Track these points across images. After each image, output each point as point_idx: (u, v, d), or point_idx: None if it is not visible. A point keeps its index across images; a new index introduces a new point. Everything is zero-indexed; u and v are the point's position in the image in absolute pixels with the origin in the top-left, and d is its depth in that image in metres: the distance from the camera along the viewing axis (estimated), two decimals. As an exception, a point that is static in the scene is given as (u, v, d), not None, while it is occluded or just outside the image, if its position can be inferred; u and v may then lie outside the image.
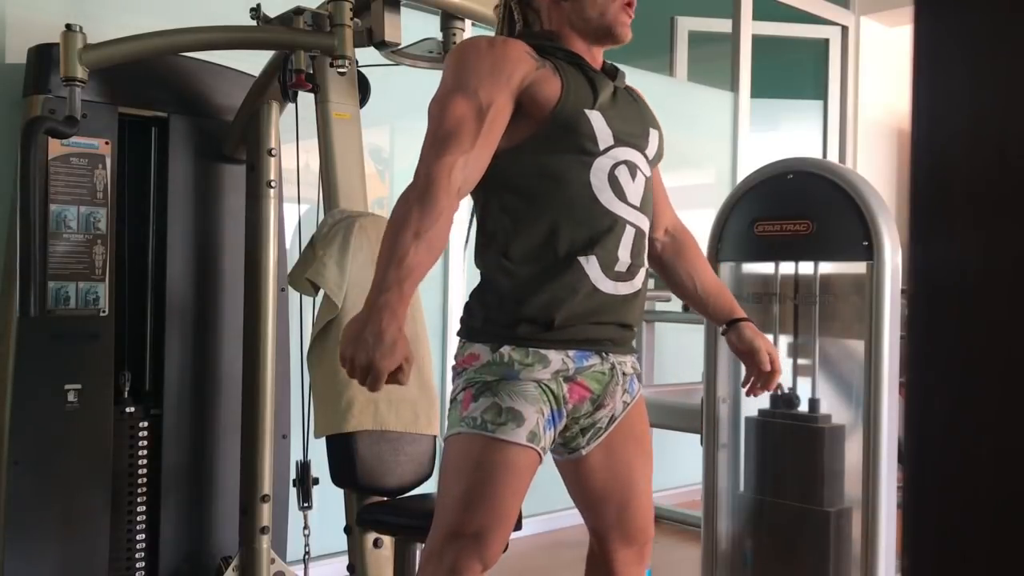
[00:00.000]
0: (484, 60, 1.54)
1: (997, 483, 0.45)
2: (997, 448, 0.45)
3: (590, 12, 1.67)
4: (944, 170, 0.47)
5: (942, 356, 0.47)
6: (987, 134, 0.46)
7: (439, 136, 1.50)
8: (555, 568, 3.67)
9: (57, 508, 2.43)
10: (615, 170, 1.60)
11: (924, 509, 0.48)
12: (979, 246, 0.46)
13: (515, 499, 1.57)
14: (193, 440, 2.71)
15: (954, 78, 0.47)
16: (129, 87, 2.57)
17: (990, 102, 0.46)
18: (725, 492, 2.47)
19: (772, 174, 2.40)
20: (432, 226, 1.43)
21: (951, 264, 0.47)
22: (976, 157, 0.46)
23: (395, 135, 3.75)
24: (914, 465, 0.48)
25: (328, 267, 2.16)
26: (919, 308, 0.48)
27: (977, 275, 0.46)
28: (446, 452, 1.60)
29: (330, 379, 2.15)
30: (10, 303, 2.33)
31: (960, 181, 0.46)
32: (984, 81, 0.46)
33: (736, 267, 2.49)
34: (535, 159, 1.57)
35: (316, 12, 2.26)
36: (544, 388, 1.56)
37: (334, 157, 2.33)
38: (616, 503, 1.73)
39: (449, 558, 1.55)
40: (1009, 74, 0.45)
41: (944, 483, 0.47)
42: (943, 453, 0.47)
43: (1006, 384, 0.45)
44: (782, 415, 2.36)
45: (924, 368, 0.48)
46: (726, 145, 5.06)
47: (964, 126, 0.46)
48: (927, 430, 0.48)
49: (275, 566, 2.65)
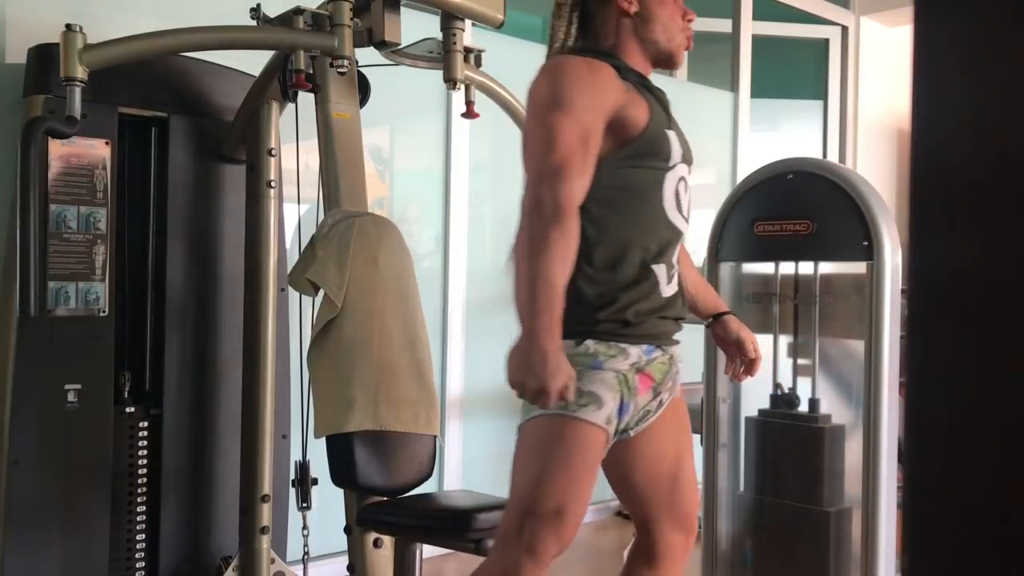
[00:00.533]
0: (585, 84, 1.62)
1: (997, 483, 0.45)
2: (997, 448, 0.45)
3: (658, 35, 1.76)
4: (944, 170, 0.47)
5: (942, 356, 0.47)
6: (986, 134, 0.46)
7: (556, 162, 1.57)
8: (555, 568, 3.66)
9: (57, 508, 2.43)
10: (678, 185, 1.76)
11: (924, 509, 0.48)
12: (979, 246, 0.46)
13: (591, 477, 1.65)
14: (193, 440, 2.71)
15: (953, 78, 0.47)
16: (129, 87, 2.57)
17: (989, 102, 0.46)
18: (725, 492, 2.47)
19: (772, 174, 2.40)
20: (570, 249, 1.55)
21: (951, 264, 0.47)
22: (976, 157, 0.46)
23: (395, 135, 3.75)
24: (914, 465, 0.48)
25: (328, 267, 2.16)
26: (919, 308, 0.48)
27: (977, 275, 0.46)
28: (523, 435, 1.67)
29: (330, 379, 2.15)
30: (10, 303, 2.33)
31: (960, 181, 0.46)
32: (983, 81, 0.46)
33: (736, 267, 2.49)
34: (617, 173, 1.67)
35: (316, 12, 2.26)
36: (621, 378, 1.66)
37: (334, 157, 2.33)
38: (666, 483, 1.81)
39: (527, 537, 1.61)
40: (1008, 74, 0.45)
41: (944, 483, 0.47)
42: (943, 453, 0.47)
43: (1006, 384, 0.45)
44: (782, 415, 2.36)
45: (924, 368, 0.48)
46: (726, 145, 5.06)
47: (964, 126, 0.46)
48: (927, 430, 0.48)
49: (275, 566, 2.65)
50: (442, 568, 3.49)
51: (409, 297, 2.29)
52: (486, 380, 3.96)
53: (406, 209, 3.75)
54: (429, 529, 2.14)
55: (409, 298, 2.29)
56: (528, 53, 4.23)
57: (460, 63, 2.41)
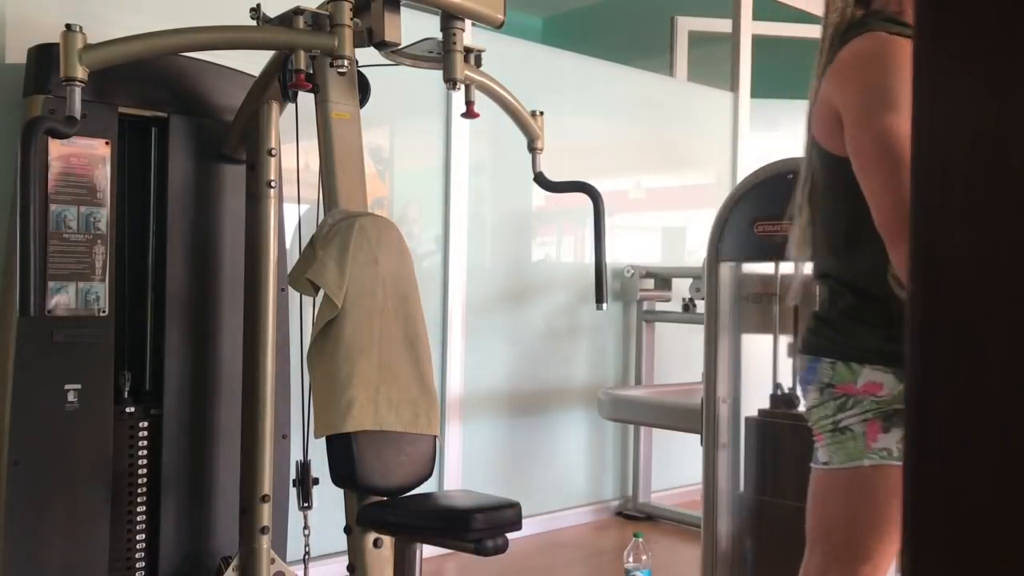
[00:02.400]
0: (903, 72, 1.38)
1: (997, 483, 0.45)
2: (997, 448, 0.45)
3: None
4: (944, 171, 0.47)
5: (942, 356, 0.47)
6: (987, 135, 0.46)
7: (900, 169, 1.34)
8: (555, 568, 3.67)
9: (57, 508, 2.43)
10: None
11: (924, 509, 0.48)
12: (979, 246, 0.46)
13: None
14: (193, 440, 2.71)
15: (954, 79, 0.47)
16: (129, 87, 2.57)
17: (990, 104, 0.46)
18: (725, 492, 2.47)
19: (772, 174, 2.40)
20: None
21: (951, 264, 0.47)
22: (976, 159, 0.46)
23: (395, 135, 3.75)
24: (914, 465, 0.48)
25: (328, 267, 2.16)
26: (919, 308, 0.48)
27: (977, 275, 0.46)
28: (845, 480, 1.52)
29: (330, 379, 2.15)
30: (10, 303, 2.33)
31: (960, 182, 0.46)
32: (984, 83, 0.46)
33: (736, 267, 2.49)
34: None
35: (316, 12, 2.26)
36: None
37: (334, 157, 2.33)
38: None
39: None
40: (1009, 75, 0.45)
41: (944, 483, 0.47)
42: (943, 453, 0.47)
43: (1006, 384, 0.45)
44: (782, 415, 2.36)
45: (924, 368, 0.48)
46: (726, 145, 5.06)
47: (964, 128, 0.46)
48: (927, 430, 0.48)
49: (275, 566, 2.65)
50: (442, 568, 3.49)
51: (409, 297, 2.29)
52: (486, 380, 3.96)
53: (406, 209, 3.75)
54: (429, 529, 2.14)
55: (409, 298, 2.29)
56: (528, 53, 4.24)
57: (460, 63, 2.41)
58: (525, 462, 4.09)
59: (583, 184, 2.81)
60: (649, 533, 3.79)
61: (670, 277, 4.48)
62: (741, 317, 2.50)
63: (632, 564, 3.05)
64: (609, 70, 4.53)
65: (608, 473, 4.43)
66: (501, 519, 2.07)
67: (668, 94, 4.88)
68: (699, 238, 5.00)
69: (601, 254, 2.78)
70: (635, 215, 4.81)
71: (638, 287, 4.38)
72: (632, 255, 4.63)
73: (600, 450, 4.40)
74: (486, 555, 2.03)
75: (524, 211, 4.24)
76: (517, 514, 2.10)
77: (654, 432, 4.41)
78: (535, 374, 4.14)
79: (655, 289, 4.48)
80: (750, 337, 2.50)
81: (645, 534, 3.17)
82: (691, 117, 4.92)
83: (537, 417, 4.16)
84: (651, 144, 4.74)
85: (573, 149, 4.28)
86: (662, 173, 4.90)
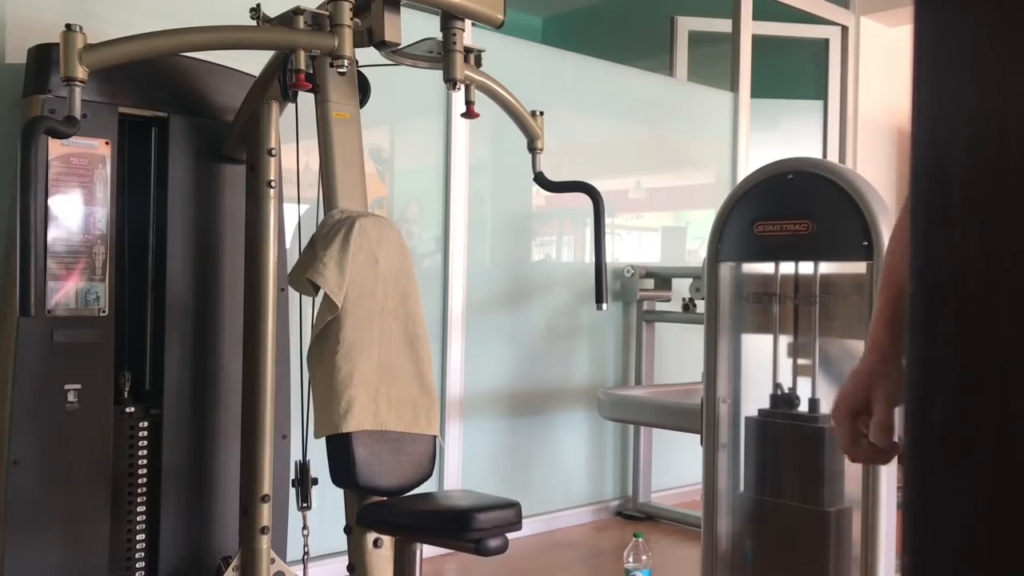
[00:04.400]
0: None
1: (997, 483, 0.45)
2: (997, 448, 0.45)
3: None
4: (944, 170, 0.47)
5: (942, 356, 0.47)
6: (987, 134, 0.46)
7: None
8: (555, 568, 3.67)
9: (57, 508, 2.43)
10: None
11: (924, 509, 0.48)
12: (979, 246, 0.46)
13: None
14: (193, 440, 2.71)
15: (954, 78, 0.47)
16: (129, 87, 2.57)
17: (990, 102, 0.46)
18: (725, 492, 2.47)
19: (772, 174, 2.40)
20: None
21: (951, 264, 0.47)
22: (976, 157, 0.46)
23: (395, 135, 3.75)
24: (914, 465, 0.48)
25: (328, 267, 2.16)
26: (919, 308, 0.48)
27: (977, 275, 0.46)
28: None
29: (330, 379, 2.15)
30: (10, 303, 2.33)
31: (960, 181, 0.46)
32: (984, 81, 0.46)
33: (736, 267, 2.49)
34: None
35: (316, 12, 2.26)
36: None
37: (334, 157, 2.33)
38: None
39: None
40: (1009, 74, 0.45)
41: (944, 483, 0.47)
42: (943, 454, 0.47)
43: (1006, 384, 0.45)
44: (782, 415, 2.36)
45: (924, 368, 0.48)
46: (726, 145, 5.06)
47: (964, 126, 0.46)
48: (927, 430, 0.47)
49: (275, 566, 2.65)
50: (442, 568, 3.49)
51: (409, 297, 2.29)
52: (486, 380, 3.96)
53: (406, 209, 3.75)
54: (429, 529, 2.14)
55: (409, 298, 2.29)
56: (528, 53, 4.24)
57: (460, 63, 2.41)
58: (525, 462, 4.09)
59: (583, 184, 2.81)
60: (649, 533, 3.79)
61: (670, 277, 4.48)
62: (741, 317, 2.50)
63: (632, 564, 3.05)
64: (609, 70, 4.53)
65: (608, 473, 4.43)
66: (501, 519, 2.07)
67: (668, 94, 4.88)
68: (699, 238, 5.01)
69: (601, 254, 2.78)
70: (635, 215, 4.81)
71: (638, 287, 4.38)
72: (632, 255, 4.63)
73: (600, 450, 4.40)
74: (486, 555, 2.03)
75: (524, 211, 4.24)
76: (517, 514, 2.10)
77: (654, 432, 4.41)
78: (535, 374, 4.14)
79: (655, 289, 4.48)
80: (750, 337, 2.50)
81: (645, 534, 3.17)
82: (691, 117, 4.92)
83: (537, 417, 4.16)
84: (651, 144, 4.74)
85: (573, 149, 4.28)
86: (662, 173, 4.90)
